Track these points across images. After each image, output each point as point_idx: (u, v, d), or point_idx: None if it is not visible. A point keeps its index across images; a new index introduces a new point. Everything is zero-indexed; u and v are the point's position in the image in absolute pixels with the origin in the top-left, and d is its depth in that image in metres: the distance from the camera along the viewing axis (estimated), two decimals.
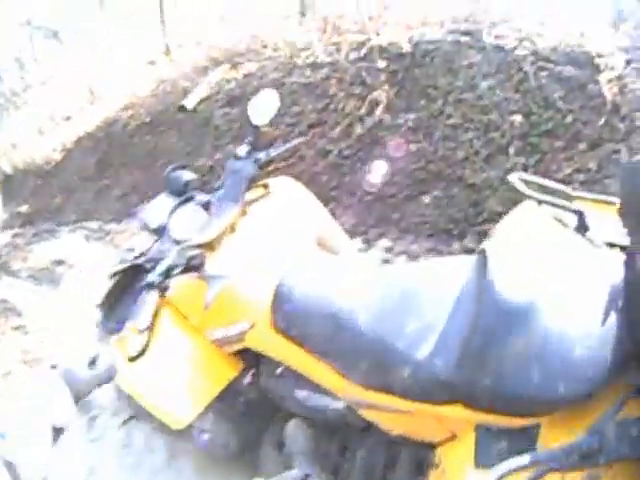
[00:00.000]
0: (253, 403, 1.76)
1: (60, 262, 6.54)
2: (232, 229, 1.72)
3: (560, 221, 1.39)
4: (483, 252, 1.30)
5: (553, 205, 1.43)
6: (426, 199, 3.55)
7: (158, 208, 1.80)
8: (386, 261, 3.37)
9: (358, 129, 4.21)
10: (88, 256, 6.37)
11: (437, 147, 3.77)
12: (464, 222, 3.36)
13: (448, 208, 3.46)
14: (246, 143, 1.88)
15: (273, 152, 1.94)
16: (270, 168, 2.07)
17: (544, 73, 4.27)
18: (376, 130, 4.13)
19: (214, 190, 1.86)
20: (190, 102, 6.43)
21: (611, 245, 1.28)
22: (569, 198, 1.50)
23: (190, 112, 6.38)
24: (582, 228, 1.35)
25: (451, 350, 1.21)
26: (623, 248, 1.22)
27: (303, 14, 5.89)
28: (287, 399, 1.63)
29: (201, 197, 1.84)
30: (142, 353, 1.45)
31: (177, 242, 1.57)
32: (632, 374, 1.04)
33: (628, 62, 4.37)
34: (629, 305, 1.05)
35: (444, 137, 3.81)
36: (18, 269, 7.26)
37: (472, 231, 3.33)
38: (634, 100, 4.09)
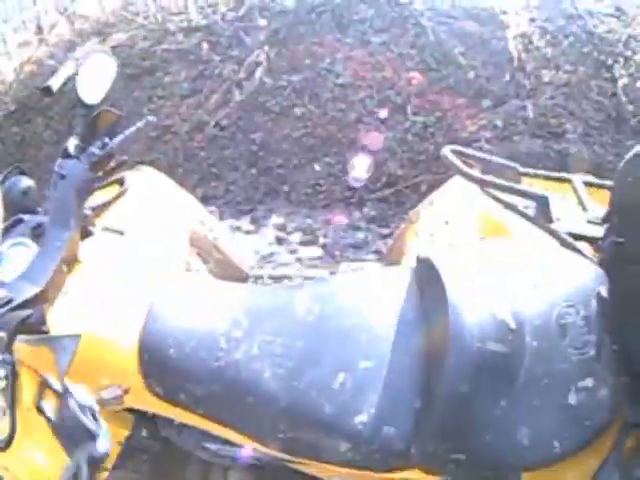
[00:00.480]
0: (162, 455, 1.32)
1: None
2: (75, 260, 1.25)
3: (507, 205, 1.16)
4: (425, 262, 1.02)
5: (510, 192, 1.16)
6: (317, 167, 3.03)
7: None
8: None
9: (236, 95, 3.61)
10: None
11: (326, 109, 3.24)
12: (362, 189, 2.86)
13: (342, 175, 2.95)
14: (75, 134, 1.33)
15: (111, 143, 1.35)
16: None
17: (443, 28, 3.88)
18: (256, 95, 3.55)
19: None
20: (55, 83, 5.70)
21: (579, 237, 1.05)
22: (516, 176, 1.25)
23: (57, 95, 5.64)
24: (545, 218, 1.10)
25: (403, 414, 0.93)
26: (594, 241, 1.03)
27: None
28: (197, 450, 1.22)
29: (31, 218, 1.30)
30: (11, 437, 1.04)
31: None
32: (628, 410, 0.84)
33: (532, 20, 4.11)
34: (624, 328, 0.84)
35: (333, 98, 3.28)
36: None
37: (372, 198, 2.84)
38: (539, 57, 3.81)
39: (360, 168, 3.14)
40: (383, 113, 3.12)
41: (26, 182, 1.36)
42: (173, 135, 3.89)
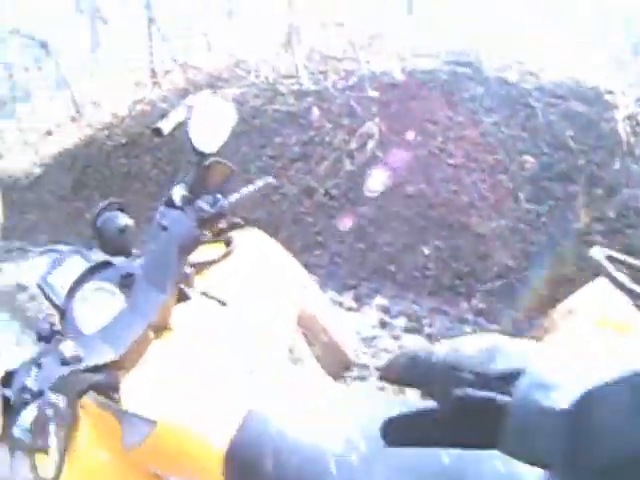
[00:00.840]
0: None
1: (23, 288, 6.04)
2: (164, 327, 1.07)
3: None
4: None
5: None
6: (426, 250, 3.07)
7: (70, 269, 1.13)
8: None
9: (347, 165, 3.75)
10: None
11: (438, 190, 3.31)
12: (471, 278, 2.86)
13: (452, 261, 2.97)
14: (183, 183, 1.19)
15: (225, 201, 1.22)
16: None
17: (552, 109, 3.89)
18: (367, 168, 3.68)
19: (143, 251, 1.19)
20: (166, 126, 6.02)
21: None
22: None
23: (166, 137, 6.00)
24: None
25: None
26: None
27: (289, 42, 5.49)
28: None
29: (122, 264, 1.12)
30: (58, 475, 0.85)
31: (65, 361, 0.90)
32: None
33: (639, 100, 4.05)
34: None
35: (445, 179, 3.35)
36: None
37: (481, 290, 2.86)
38: None
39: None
40: (495, 198, 3.14)
41: (123, 220, 1.25)
42: (281, 197, 4.06)
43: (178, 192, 1.17)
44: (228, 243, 1.34)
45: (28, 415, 0.82)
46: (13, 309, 6.01)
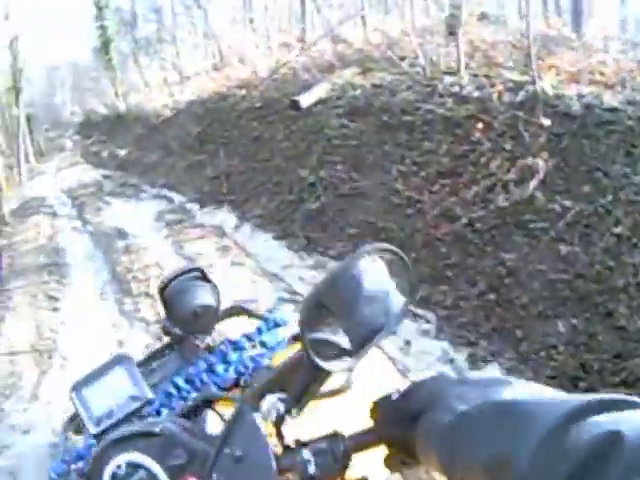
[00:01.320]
0: None
1: (121, 232, 6.38)
2: None
3: None
4: None
5: None
6: (561, 326, 2.68)
7: (111, 387, 0.96)
8: None
9: (500, 200, 3.40)
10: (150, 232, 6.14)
11: (594, 259, 2.89)
12: (597, 376, 2.44)
13: (584, 349, 2.56)
14: (282, 393, 0.73)
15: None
16: None
17: None
18: (522, 208, 3.31)
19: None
20: (305, 100, 5.80)
21: None
22: None
23: (302, 112, 5.79)
24: None
25: None
26: None
27: (453, 34, 4.95)
28: None
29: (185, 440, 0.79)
30: None
31: None
32: None
33: None
34: None
35: (605, 250, 2.92)
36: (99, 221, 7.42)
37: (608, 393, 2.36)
38: None
39: None
40: None
41: (202, 298, 1.10)
42: (416, 212, 3.80)
43: (271, 403, 0.72)
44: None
45: None
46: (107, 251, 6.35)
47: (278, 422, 0.70)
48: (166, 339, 1.33)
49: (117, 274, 5.02)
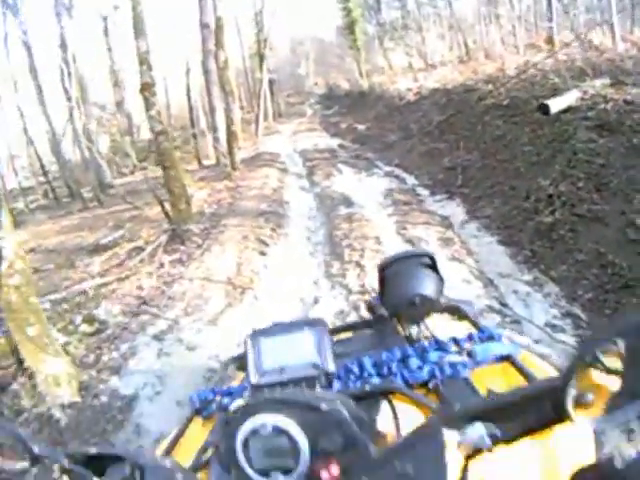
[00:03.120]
0: None
1: (347, 200, 6.58)
2: None
3: None
4: None
5: None
6: None
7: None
8: None
9: None
10: None
11: None
12: None
13: None
14: None
15: None
16: None
17: None
18: None
19: None
20: (555, 105, 5.61)
21: None
22: None
23: (550, 117, 5.54)
24: None
25: None
26: None
27: None
28: None
29: None
30: None
31: None
32: None
33: None
34: None
35: None
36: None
37: None
38: None
39: None
40: None
41: (425, 289, 0.99)
42: None
43: (479, 434, 0.60)
44: None
45: None
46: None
47: (471, 456, 0.60)
48: (366, 316, 1.22)
49: (333, 237, 5.17)
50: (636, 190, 3.94)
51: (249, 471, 0.72)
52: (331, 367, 0.87)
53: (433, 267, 0.94)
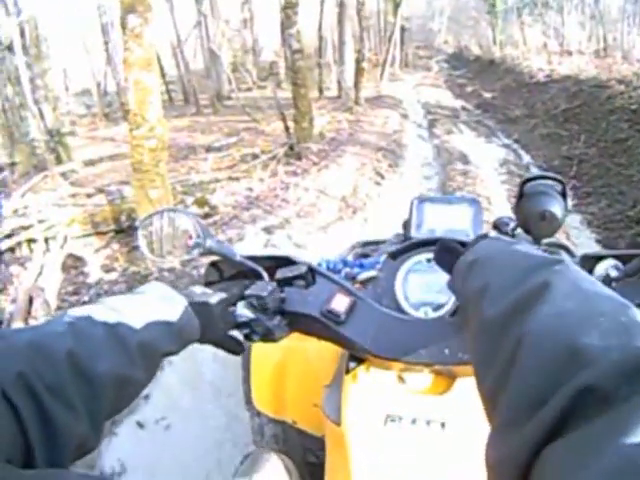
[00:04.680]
0: None
1: (464, 157, 6.63)
2: None
3: None
4: None
5: None
6: None
7: None
8: None
9: None
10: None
11: None
12: None
13: None
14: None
15: None
16: None
17: None
18: None
19: None
20: None
21: None
22: None
23: None
24: None
25: None
26: None
27: None
28: None
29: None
30: None
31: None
32: None
33: None
34: None
35: None
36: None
37: None
38: None
39: None
40: None
41: (554, 205, 0.95)
42: None
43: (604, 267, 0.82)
44: None
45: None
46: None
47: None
48: None
49: (446, 187, 5.27)
50: None
51: (403, 303, 0.80)
52: (481, 232, 0.92)
53: (563, 193, 0.97)
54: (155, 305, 0.66)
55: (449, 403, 0.76)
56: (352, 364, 0.81)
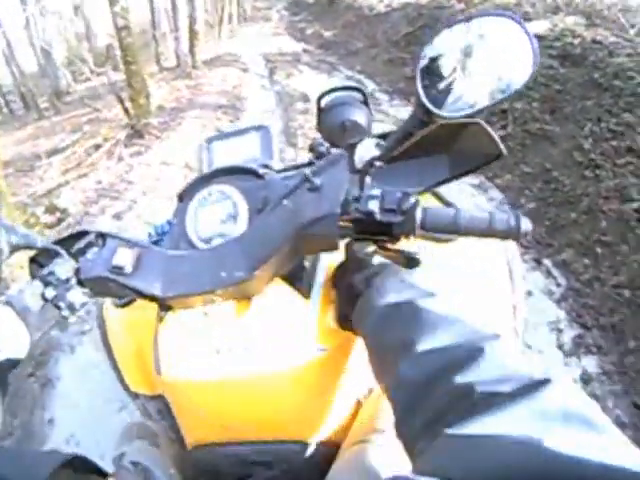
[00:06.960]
0: None
1: (305, 96, 6.66)
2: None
3: None
4: None
5: None
6: None
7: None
8: None
9: None
10: None
11: None
12: None
13: None
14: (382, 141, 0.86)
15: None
16: None
17: None
18: None
19: None
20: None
21: None
22: None
23: None
24: None
25: None
26: None
27: None
28: None
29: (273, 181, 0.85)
30: None
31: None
32: None
33: None
34: None
35: None
36: None
37: None
38: None
39: None
40: None
41: (353, 114, 0.95)
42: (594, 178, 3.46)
43: (366, 146, 0.83)
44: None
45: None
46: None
47: (365, 169, 0.74)
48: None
49: (289, 127, 5.44)
50: (587, 119, 4.03)
51: (196, 241, 0.82)
52: (276, 165, 0.95)
53: (364, 102, 0.99)
54: None
55: (247, 324, 0.78)
56: (162, 313, 0.83)
